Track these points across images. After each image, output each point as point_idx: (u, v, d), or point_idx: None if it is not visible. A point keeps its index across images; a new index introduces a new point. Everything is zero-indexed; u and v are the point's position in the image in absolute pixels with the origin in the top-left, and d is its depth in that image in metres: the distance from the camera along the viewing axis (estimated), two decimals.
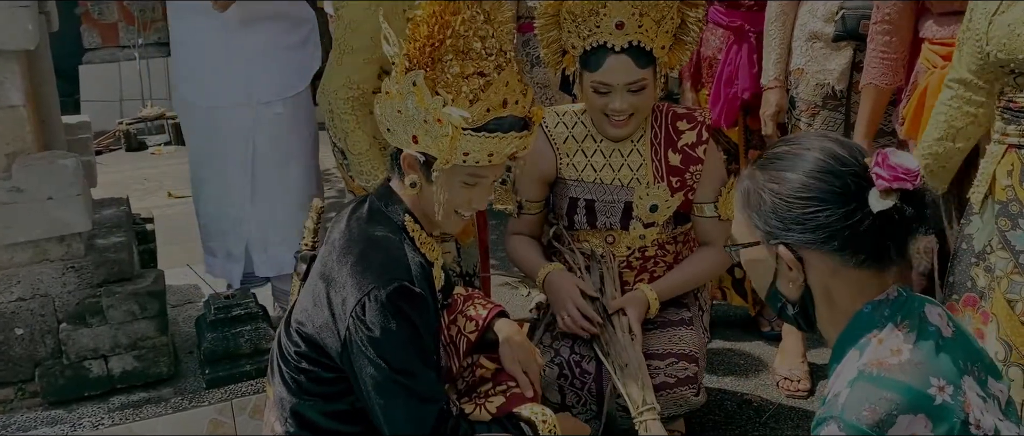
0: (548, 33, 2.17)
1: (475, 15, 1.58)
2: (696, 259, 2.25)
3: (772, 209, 1.22)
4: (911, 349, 1.15)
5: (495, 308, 1.92)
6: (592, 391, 2.11)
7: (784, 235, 1.21)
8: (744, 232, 1.28)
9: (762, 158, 1.29)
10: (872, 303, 1.21)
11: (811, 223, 1.18)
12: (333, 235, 1.72)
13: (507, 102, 1.60)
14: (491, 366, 1.89)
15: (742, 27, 2.77)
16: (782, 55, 2.63)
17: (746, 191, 1.27)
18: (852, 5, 2.43)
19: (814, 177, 1.19)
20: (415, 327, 1.58)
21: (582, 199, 2.21)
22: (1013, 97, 1.65)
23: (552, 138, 2.24)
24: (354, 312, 1.56)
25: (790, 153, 1.24)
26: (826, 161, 1.20)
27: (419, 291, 1.59)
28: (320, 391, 1.67)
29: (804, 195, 1.19)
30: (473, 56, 1.58)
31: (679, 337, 2.15)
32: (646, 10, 2.04)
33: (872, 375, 1.13)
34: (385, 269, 1.58)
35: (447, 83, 1.56)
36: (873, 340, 1.18)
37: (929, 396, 1.11)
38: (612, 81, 2.04)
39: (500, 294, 3.44)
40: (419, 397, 1.58)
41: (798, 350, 2.76)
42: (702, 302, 2.32)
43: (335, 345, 1.60)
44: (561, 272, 2.17)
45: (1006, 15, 1.63)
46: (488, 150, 1.59)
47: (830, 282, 1.22)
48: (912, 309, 1.21)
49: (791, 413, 2.60)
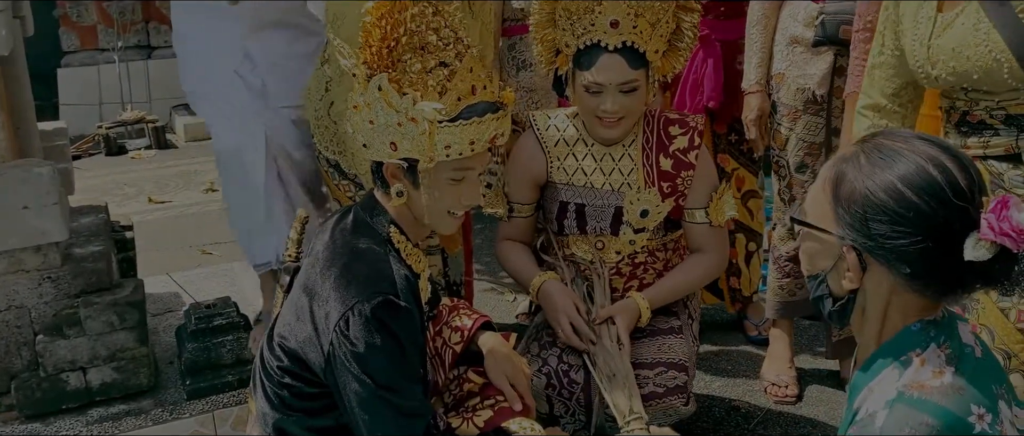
0: (542, 31, 2.15)
1: (423, 9, 1.57)
2: (687, 266, 2.23)
3: (862, 210, 1.12)
4: (952, 373, 1.11)
5: (480, 318, 1.89)
6: (580, 401, 2.08)
7: (859, 240, 1.13)
8: (821, 215, 1.17)
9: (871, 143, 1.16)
10: (923, 322, 1.16)
11: (895, 243, 1.10)
12: (316, 247, 1.69)
13: (475, 89, 1.58)
14: (478, 380, 1.86)
15: (708, 36, 2.77)
16: (763, 59, 2.62)
17: (841, 174, 1.15)
18: (832, 10, 2.42)
19: (920, 196, 1.09)
20: (400, 341, 1.55)
21: (572, 203, 2.19)
22: (969, 110, 1.63)
23: (543, 141, 2.22)
24: (338, 326, 1.52)
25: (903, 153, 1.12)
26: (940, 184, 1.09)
27: (404, 304, 1.56)
28: (303, 406, 1.64)
29: (899, 210, 1.09)
30: (431, 49, 1.56)
31: (668, 346, 2.13)
32: (642, 11, 2.02)
33: (913, 398, 1.08)
34: (370, 282, 1.55)
35: (412, 81, 1.55)
36: (915, 359, 1.13)
37: (969, 424, 1.07)
38: (604, 80, 2.03)
39: (485, 299, 3.41)
40: (405, 412, 1.55)
41: (786, 356, 2.75)
42: (692, 310, 2.30)
43: (318, 360, 1.57)
44: (555, 283, 2.15)
45: (943, 38, 1.61)
46: (468, 138, 1.57)
47: (890, 296, 1.16)
48: (952, 330, 1.16)
49: (779, 419, 2.59)
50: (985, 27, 1.52)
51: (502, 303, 3.45)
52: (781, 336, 2.77)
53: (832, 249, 1.17)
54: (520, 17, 2.99)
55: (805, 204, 1.23)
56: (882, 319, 1.17)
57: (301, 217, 1.93)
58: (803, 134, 2.56)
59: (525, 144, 2.25)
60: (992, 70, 1.53)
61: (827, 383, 2.76)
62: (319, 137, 2.49)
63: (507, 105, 1.66)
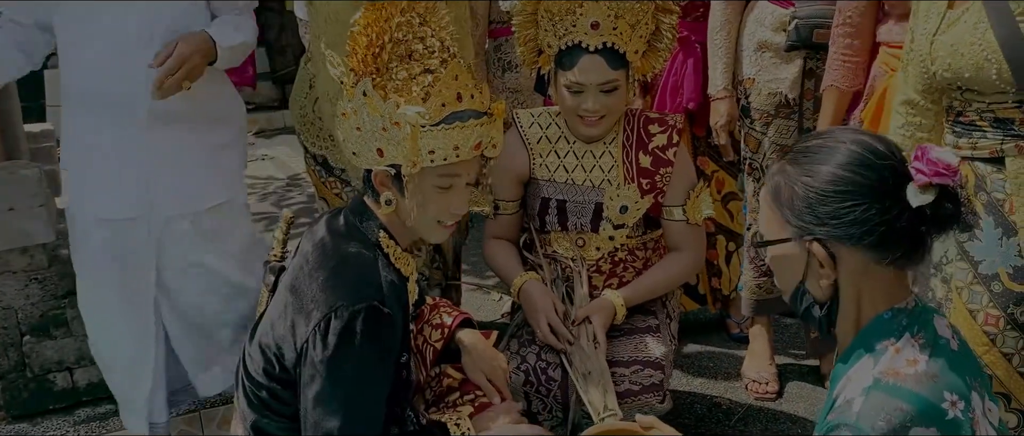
0: (525, 31, 2.19)
1: (410, 19, 1.58)
2: (664, 264, 2.27)
3: (806, 203, 1.19)
4: (926, 361, 1.15)
5: (460, 316, 1.92)
6: (557, 398, 2.12)
7: (818, 231, 1.18)
8: (774, 229, 1.24)
9: (792, 153, 1.25)
10: (893, 310, 1.20)
11: (847, 218, 1.16)
12: (305, 248, 1.70)
13: (461, 96, 1.59)
14: (457, 376, 1.90)
15: (688, 38, 2.79)
16: (729, 65, 2.64)
17: (777, 187, 1.23)
18: (804, 14, 2.44)
19: (850, 170, 1.17)
20: (377, 350, 1.55)
21: (554, 199, 2.23)
22: (962, 110, 1.66)
23: (526, 138, 2.25)
24: (317, 326, 1.53)
25: (823, 146, 1.21)
26: (862, 154, 1.17)
27: (388, 312, 1.56)
28: (280, 408, 1.65)
29: (841, 188, 1.16)
30: (416, 57, 1.58)
31: (645, 344, 2.17)
32: (621, 13, 2.06)
33: (888, 385, 1.12)
34: (357, 288, 1.56)
35: (397, 88, 1.56)
36: (890, 348, 1.17)
37: (942, 410, 1.11)
38: (585, 81, 2.07)
39: (471, 298, 3.44)
40: (361, 420, 1.55)
41: (766, 353, 2.79)
42: (670, 309, 2.34)
43: (292, 356, 1.58)
44: (536, 283, 2.18)
45: (946, 35, 1.63)
46: (452, 143, 1.57)
47: (861, 282, 1.20)
48: (926, 320, 1.20)
49: (760, 415, 2.63)
50: (983, 27, 1.53)
51: (487, 302, 3.48)
52: (761, 334, 2.81)
53: (797, 254, 1.22)
54: (506, 19, 3.03)
55: (760, 229, 1.28)
56: (857, 308, 1.22)
57: (286, 217, 1.96)
58: (776, 137, 2.60)
59: (508, 141, 2.28)
60: (982, 69, 1.54)
61: (807, 379, 2.81)
62: (306, 134, 2.50)
63: (496, 114, 1.65)
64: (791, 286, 1.26)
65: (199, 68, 2.00)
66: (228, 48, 2.07)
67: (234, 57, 2.13)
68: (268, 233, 3.95)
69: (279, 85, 6.68)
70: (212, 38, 2.04)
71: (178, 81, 1.96)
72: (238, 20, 2.17)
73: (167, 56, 1.95)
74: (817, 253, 1.19)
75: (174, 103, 2.00)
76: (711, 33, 2.65)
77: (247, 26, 2.18)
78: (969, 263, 1.60)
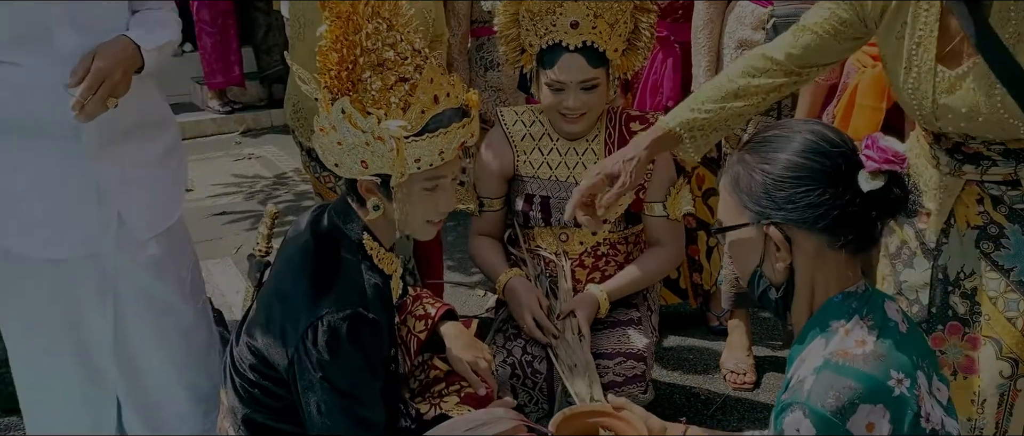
0: (507, 31, 2.24)
1: (378, 27, 1.58)
2: (645, 259, 2.32)
3: (764, 189, 1.25)
4: (875, 342, 1.21)
5: (443, 307, 1.96)
6: (543, 390, 2.17)
7: (775, 215, 1.25)
8: (733, 215, 1.30)
9: (750, 142, 1.31)
10: (843, 293, 1.27)
11: (802, 202, 1.22)
12: (289, 249, 1.72)
13: (438, 98, 1.60)
14: (443, 367, 1.94)
15: (667, 37, 2.84)
16: (712, 62, 2.68)
17: (736, 175, 1.29)
18: (782, 12, 2.49)
19: (805, 157, 1.23)
20: (365, 353, 1.58)
21: (537, 196, 2.28)
22: (965, 143, 1.59)
23: (510, 135, 2.30)
24: (304, 334, 1.56)
25: (780, 136, 1.27)
26: (816, 142, 1.24)
27: (372, 317, 1.59)
28: (271, 404, 1.68)
29: (796, 174, 1.23)
30: (390, 65, 1.58)
31: (627, 337, 2.22)
32: (601, 12, 2.12)
33: (837, 364, 1.18)
34: (340, 294, 1.59)
35: (374, 100, 1.57)
36: (840, 330, 1.24)
37: (889, 388, 1.17)
38: (565, 79, 2.12)
39: (456, 296, 3.48)
40: (361, 422, 1.59)
41: (744, 344, 2.85)
42: (651, 303, 2.40)
43: (282, 361, 1.61)
44: (520, 280, 2.23)
45: (952, 98, 1.52)
46: (437, 149, 1.60)
47: (815, 265, 1.26)
48: (875, 304, 1.27)
49: (737, 405, 2.69)
50: (999, 92, 1.46)
51: (473, 298, 3.52)
52: (739, 326, 2.87)
53: (755, 239, 1.28)
54: (488, 19, 3.07)
55: (719, 216, 1.34)
56: (810, 292, 1.28)
57: (271, 212, 1.99)
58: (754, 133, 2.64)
59: (493, 139, 2.33)
60: (1007, 128, 1.51)
61: (784, 370, 2.84)
62: (300, 130, 2.50)
63: (473, 108, 1.67)
64: (748, 270, 1.32)
65: (122, 84, 1.76)
66: (155, 50, 1.84)
67: (162, 59, 1.90)
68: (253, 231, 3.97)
69: (266, 85, 6.69)
70: (135, 43, 1.80)
71: (101, 100, 1.72)
72: (159, 14, 1.93)
73: (84, 73, 1.71)
74: (774, 236, 1.25)
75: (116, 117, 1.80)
76: (694, 32, 2.70)
77: (170, 20, 1.96)
78: (1000, 272, 1.60)
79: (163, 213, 2.01)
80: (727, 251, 1.35)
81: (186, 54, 6.52)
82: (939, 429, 1.22)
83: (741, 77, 1.68)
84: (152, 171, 1.99)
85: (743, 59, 1.72)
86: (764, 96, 1.68)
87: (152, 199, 1.98)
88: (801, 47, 1.63)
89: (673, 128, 1.74)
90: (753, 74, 1.67)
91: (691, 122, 1.72)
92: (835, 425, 1.14)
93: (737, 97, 1.68)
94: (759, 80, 1.67)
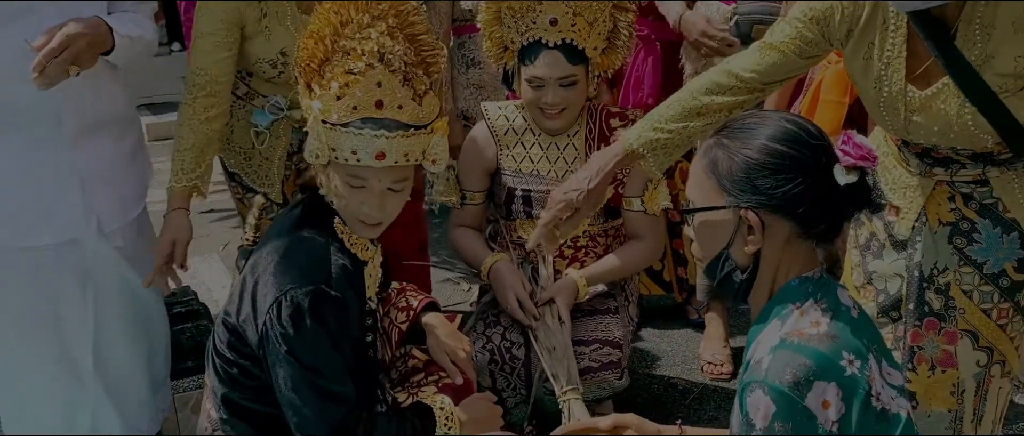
0: (491, 28, 2.30)
1: (360, 20, 1.63)
2: (625, 250, 2.37)
3: (745, 173, 1.27)
4: (828, 323, 1.25)
5: (425, 299, 2.00)
6: (521, 376, 2.22)
7: (753, 199, 1.27)
8: (708, 197, 1.32)
9: (729, 128, 1.33)
10: (800, 278, 1.31)
11: (781, 189, 1.25)
12: (268, 233, 1.79)
13: (382, 104, 1.62)
14: (423, 357, 1.98)
15: (649, 36, 2.89)
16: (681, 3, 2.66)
17: (714, 159, 1.31)
18: (745, 10, 2.54)
19: (786, 145, 1.26)
20: (328, 329, 1.62)
21: (519, 189, 2.33)
22: (934, 148, 1.62)
23: (494, 130, 2.36)
24: (271, 309, 1.61)
25: (760, 124, 1.30)
26: (797, 132, 1.27)
27: (335, 294, 1.63)
28: (247, 384, 1.72)
29: (778, 161, 1.26)
30: (352, 56, 1.63)
31: (604, 325, 2.28)
32: (580, 10, 2.17)
33: (793, 343, 1.23)
34: (305, 271, 1.64)
35: (322, 84, 1.63)
36: (795, 312, 1.28)
37: (841, 367, 1.21)
38: (544, 75, 2.18)
39: (442, 290, 3.53)
40: (328, 396, 1.62)
41: (721, 336, 2.91)
42: (628, 293, 2.45)
43: (254, 337, 1.66)
44: (506, 263, 2.28)
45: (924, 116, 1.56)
46: (350, 146, 1.61)
47: (782, 251, 1.30)
48: (829, 289, 1.31)
49: (714, 394, 2.75)
50: (970, 111, 1.50)
51: (458, 293, 3.57)
52: (716, 318, 2.93)
53: (727, 221, 1.32)
54: (469, 17, 3.11)
55: (689, 196, 1.37)
56: (773, 277, 1.33)
57: (259, 203, 2.04)
58: None
59: (477, 134, 2.39)
60: (977, 141, 1.54)
61: None
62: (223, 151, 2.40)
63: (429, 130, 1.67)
64: (713, 252, 1.36)
65: (87, 54, 1.76)
66: (127, 37, 1.87)
67: (134, 50, 1.92)
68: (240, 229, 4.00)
69: None
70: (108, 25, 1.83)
71: (63, 64, 1.71)
72: (136, 17, 1.99)
73: (50, 36, 1.72)
74: (751, 220, 1.28)
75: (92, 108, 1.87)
76: None
77: (146, 22, 2.02)
78: (973, 266, 1.65)
79: (129, 206, 2.07)
80: (693, 232, 1.38)
81: (174, 54, 6.53)
82: (889, 409, 1.26)
83: (704, 95, 1.72)
84: (121, 166, 2.05)
85: (707, 75, 1.75)
86: (727, 113, 1.71)
87: (120, 192, 2.04)
88: (767, 66, 1.68)
89: (636, 148, 1.79)
90: (716, 91, 1.71)
91: (654, 142, 1.77)
92: (793, 400, 1.19)
93: (699, 115, 1.73)
94: (722, 98, 1.71)
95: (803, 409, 1.19)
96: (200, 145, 2.07)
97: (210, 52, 2.10)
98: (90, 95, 1.92)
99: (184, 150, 2.07)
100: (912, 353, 1.70)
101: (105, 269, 2.00)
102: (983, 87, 1.47)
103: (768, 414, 1.20)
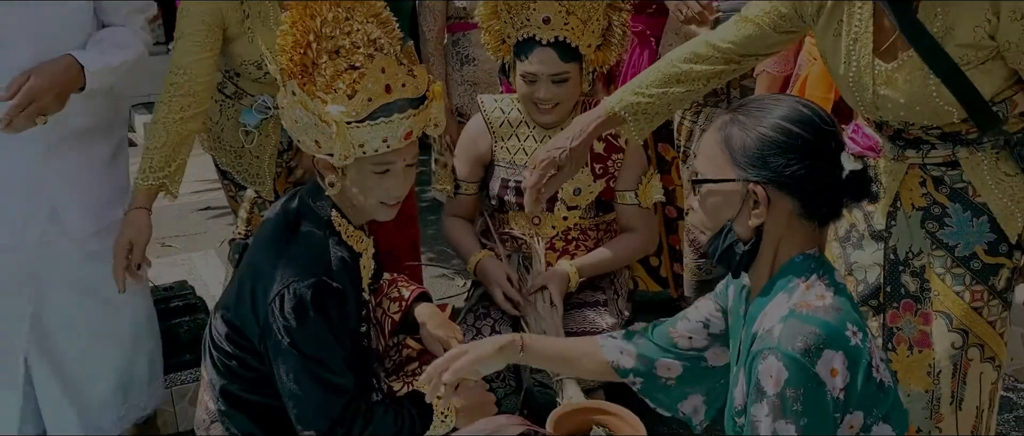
0: (489, 21, 2.34)
1: (337, 15, 1.63)
2: (617, 242, 2.41)
3: (759, 149, 1.32)
4: (832, 297, 1.32)
5: (417, 290, 2.03)
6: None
7: (763, 175, 1.32)
8: (719, 169, 1.36)
9: (743, 108, 1.38)
10: (804, 255, 1.36)
11: (791, 168, 1.30)
12: (264, 227, 1.81)
13: (391, 87, 1.64)
14: (416, 346, 2.02)
15: (644, 32, 2.91)
16: None
17: (729, 135, 1.35)
18: (727, 8, 2.56)
19: (800, 127, 1.31)
20: (330, 320, 1.65)
21: (512, 180, 2.36)
22: (904, 130, 1.68)
23: (489, 122, 2.40)
24: (272, 302, 1.63)
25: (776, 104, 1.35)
26: (812, 116, 1.33)
27: (337, 286, 1.66)
28: (247, 376, 1.75)
29: (792, 141, 1.31)
30: (343, 53, 1.62)
31: (594, 316, 2.31)
32: (573, 9, 2.21)
33: (801, 314, 1.28)
34: (306, 264, 1.66)
35: (325, 85, 1.62)
36: (801, 285, 1.33)
37: (846, 337, 1.27)
38: (537, 71, 2.22)
39: (436, 285, 3.55)
40: (329, 387, 1.65)
41: None
42: (618, 286, 2.49)
43: (255, 331, 1.68)
44: (490, 259, 2.33)
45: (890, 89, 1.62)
46: (381, 136, 1.63)
47: (784, 228, 1.35)
48: (828, 268, 1.37)
49: None
50: (934, 83, 1.55)
51: (452, 288, 3.59)
52: None
53: (735, 195, 1.36)
54: (463, 15, 3.13)
55: (699, 168, 1.41)
56: (774, 252, 1.38)
57: (250, 197, 2.07)
58: (705, 125, 2.70)
59: (473, 125, 2.44)
60: (942, 114, 1.59)
61: None
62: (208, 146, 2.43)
63: (433, 98, 1.71)
64: (719, 222, 1.39)
65: (55, 103, 1.85)
66: (99, 71, 1.92)
67: (113, 77, 1.99)
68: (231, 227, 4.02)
69: None
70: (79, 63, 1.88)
71: (29, 117, 1.80)
72: (123, 33, 2.02)
73: (17, 88, 1.79)
74: (759, 194, 1.33)
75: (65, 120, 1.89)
76: None
77: (134, 39, 2.05)
78: (945, 250, 1.69)
79: (105, 211, 2.09)
80: (699, 203, 1.42)
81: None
82: (885, 381, 1.32)
83: (684, 63, 1.79)
84: (97, 172, 2.08)
85: (687, 45, 1.82)
86: (705, 82, 1.78)
87: (94, 198, 2.07)
88: (742, 37, 1.75)
89: (618, 111, 1.84)
90: (695, 60, 1.78)
91: (635, 106, 1.82)
92: (805, 366, 1.24)
93: (679, 82, 1.79)
94: (701, 67, 1.77)
95: (813, 375, 1.24)
96: (172, 144, 2.05)
97: (190, 52, 2.11)
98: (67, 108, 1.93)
99: (154, 148, 2.06)
100: (891, 334, 1.75)
101: (62, 271, 2.03)
102: (945, 58, 1.53)
103: (780, 380, 1.25)
